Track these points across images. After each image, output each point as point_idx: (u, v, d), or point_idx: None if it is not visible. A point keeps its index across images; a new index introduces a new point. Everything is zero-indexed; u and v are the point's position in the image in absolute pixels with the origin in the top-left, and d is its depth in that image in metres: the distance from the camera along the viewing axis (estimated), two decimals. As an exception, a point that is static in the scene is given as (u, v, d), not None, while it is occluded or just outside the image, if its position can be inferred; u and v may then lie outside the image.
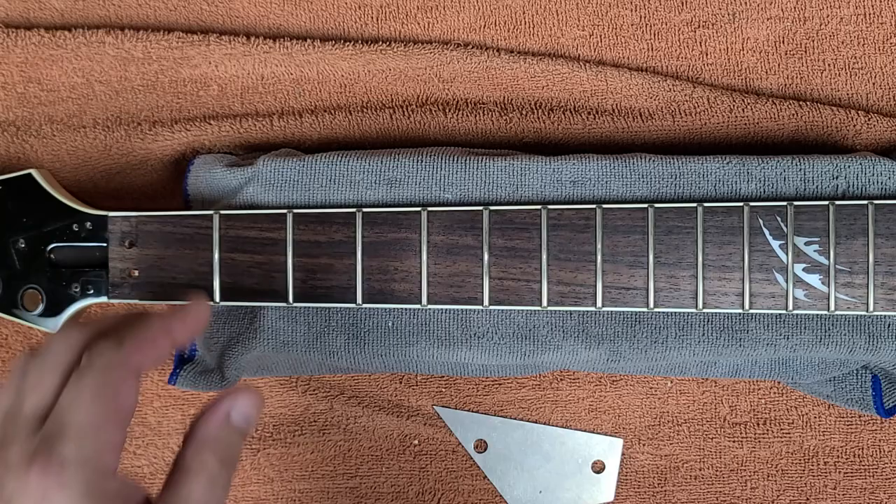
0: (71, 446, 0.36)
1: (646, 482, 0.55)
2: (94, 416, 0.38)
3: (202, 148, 0.54)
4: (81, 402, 0.37)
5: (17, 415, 0.38)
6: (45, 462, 0.36)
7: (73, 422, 0.37)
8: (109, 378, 0.38)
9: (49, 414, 0.38)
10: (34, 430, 0.37)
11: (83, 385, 0.38)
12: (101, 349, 0.39)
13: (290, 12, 0.54)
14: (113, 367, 0.39)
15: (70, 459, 0.36)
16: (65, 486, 0.36)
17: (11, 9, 0.55)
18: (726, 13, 0.53)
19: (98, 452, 0.37)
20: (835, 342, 0.47)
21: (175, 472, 0.38)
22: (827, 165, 0.46)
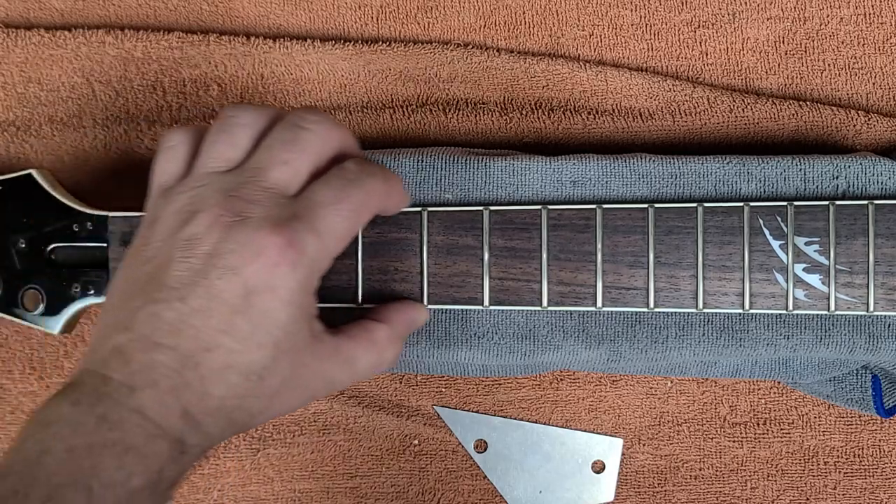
0: (315, 242, 0.38)
1: (646, 482, 0.55)
2: (342, 229, 0.39)
3: (202, 148, 0.54)
4: (339, 209, 0.39)
5: (257, 176, 0.38)
6: (290, 238, 0.37)
7: (327, 220, 0.38)
8: (367, 204, 0.40)
9: (297, 195, 0.39)
10: (280, 202, 0.38)
11: (348, 194, 0.39)
12: (373, 172, 0.40)
13: (290, 12, 0.54)
14: (374, 195, 0.40)
15: (309, 251, 0.37)
16: (295, 269, 0.37)
17: (11, 9, 0.55)
18: (726, 13, 0.53)
19: (326, 260, 0.39)
20: (835, 342, 0.47)
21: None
22: (827, 165, 0.46)
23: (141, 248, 0.39)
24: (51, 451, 0.34)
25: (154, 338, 0.36)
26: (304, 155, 0.39)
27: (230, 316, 0.36)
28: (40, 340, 0.56)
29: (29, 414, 0.56)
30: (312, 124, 0.40)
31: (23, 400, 0.56)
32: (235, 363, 0.36)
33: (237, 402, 0.37)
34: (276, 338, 0.37)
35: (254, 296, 0.36)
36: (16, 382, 0.56)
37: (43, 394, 0.56)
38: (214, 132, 0.40)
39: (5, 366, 0.56)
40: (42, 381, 0.56)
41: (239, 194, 0.38)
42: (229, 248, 0.36)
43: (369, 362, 0.42)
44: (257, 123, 0.40)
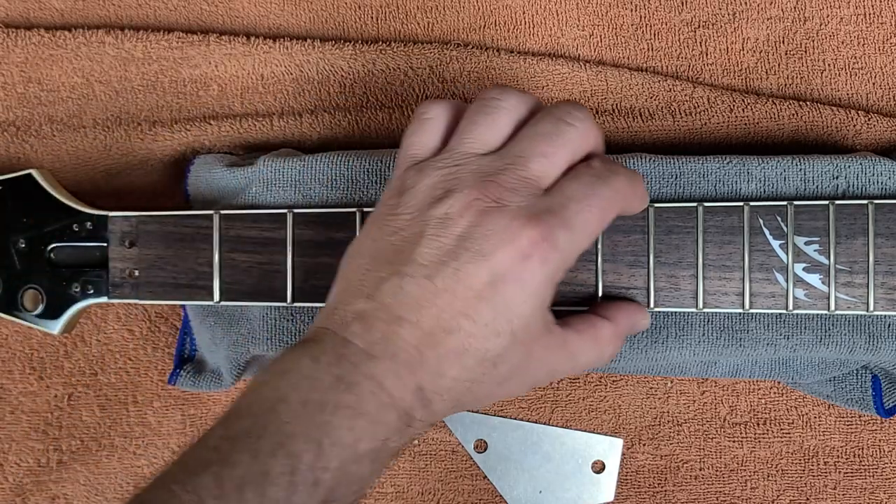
0: (569, 235, 0.37)
1: (646, 482, 0.55)
2: (592, 225, 0.39)
3: (202, 148, 0.54)
4: (590, 206, 0.38)
5: (516, 164, 0.38)
6: (545, 232, 0.37)
7: (579, 216, 0.38)
8: (614, 202, 0.39)
9: (552, 188, 0.39)
10: (536, 195, 0.38)
11: (598, 191, 0.39)
12: (618, 170, 0.40)
13: (290, 12, 0.54)
14: (620, 194, 0.40)
15: (562, 244, 0.37)
16: (544, 262, 0.37)
17: (11, 9, 0.55)
18: (726, 13, 0.53)
19: (574, 255, 0.39)
20: (835, 342, 0.47)
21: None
22: (827, 165, 0.46)
23: (388, 217, 0.39)
24: (287, 400, 0.35)
25: (398, 311, 0.36)
26: (563, 150, 0.39)
27: (474, 301, 0.36)
28: (40, 340, 0.56)
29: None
30: (577, 121, 0.40)
31: (23, 400, 0.56)
32: (473, 348, 0.37)
33: (468, 386, 0.37)
34: (515, 327, 0.37)
35: (500, 284, 0.36)
36: (16, 382, 0.56)
37: (43, 394, 0.56)
38: (476, 112, 0.40)
39: (5, 366, 0.56)
40: (42, 381, 0.56)
41: (497, 180, 0.38)
42: (483, 232, 0.37)
43: (590, 357, 0.42)
44: (519, 110, 0.40)
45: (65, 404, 0.56)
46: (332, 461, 0.34)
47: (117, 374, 0.56)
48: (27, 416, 0.56)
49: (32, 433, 0.56)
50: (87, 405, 0.56)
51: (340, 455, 0.34)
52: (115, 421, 0.56)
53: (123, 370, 0.56)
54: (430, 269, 0.37)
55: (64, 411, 0.56)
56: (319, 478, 0.34)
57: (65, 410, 0.56)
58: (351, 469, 0.35)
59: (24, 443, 0.56)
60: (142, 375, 0.56)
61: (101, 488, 0.56)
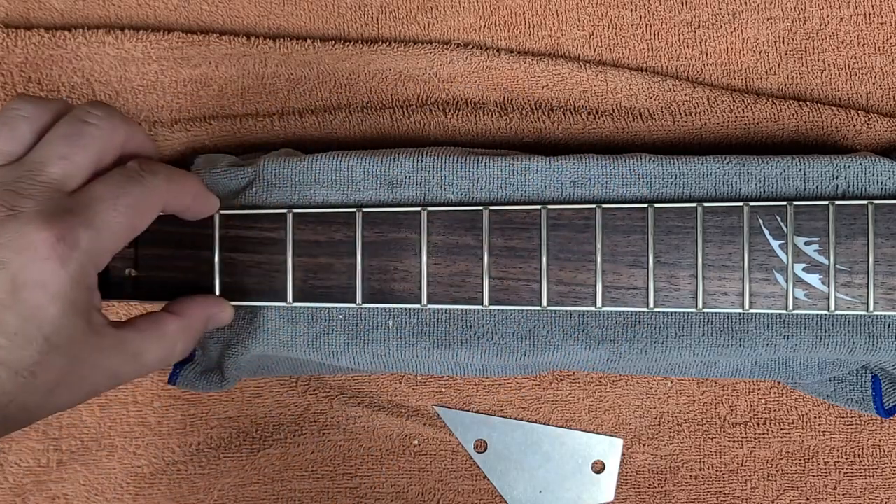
0: (89, 236, 0.37)
1: (646, 482, 0.55)
2: (120, 224, 0.39)
3: (202, 148, 0.54)
4: (116, 206, 0.38)
5: (33, 170, 0.38)
6: (63, 231, 0.36)
7: (101, 217, 0.38)
8: (148, 201, 0.39)
9: (76, 190, 0.38)
10: (54, 197, 0.38)
11: (125, 191, 0.39)
12: (156, 169, 0.40)
13: (290, 12, 0.54)
14: (156, 193, 0.40)
15: (83, 246, 0.37)
16: (65, 264, 0.36)
17: (11, 9, 0.55)
18: (726, 13, 0.53)
19: (102, 256, 0.38)
20: (835, 342, 0.47)
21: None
22: (827, 165, 0.46)
23: None
24: None
25: None
26: (84, 150, 0.39)
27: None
28: (40, 340, 0.56)
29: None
30: (97, 119, 0.40)
31: (23, 400, 0.56)
32: (4, 360, 0.36)
33: (9, 399, 0.36)
34: (47, 333, 0.36)
35: (22, 291, 0.36)
36: (16, 382, 0.56)
37: (43, 394, 0.56)
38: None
39: (5, 366, 0.56)
40: (42, 381, 0.56)
41: (13, 188, 0.37)
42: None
43: (157, 355, 0.42)
44: (41, 117, 0.40)
45: (65, 404, 0.56)
46: None
47: (117, 374, 0.56)
48: (27, 416, 0.56)
49: (32, 433, 0.56)
50: (87, 405, 0.56)
51: None
52: (115, 421, 0.56)
53: (123, 370, 0.56)
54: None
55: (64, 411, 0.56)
56: None
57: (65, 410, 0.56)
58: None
59: (24, 443, 0.56)
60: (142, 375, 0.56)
61: (101, 488, 0.56)
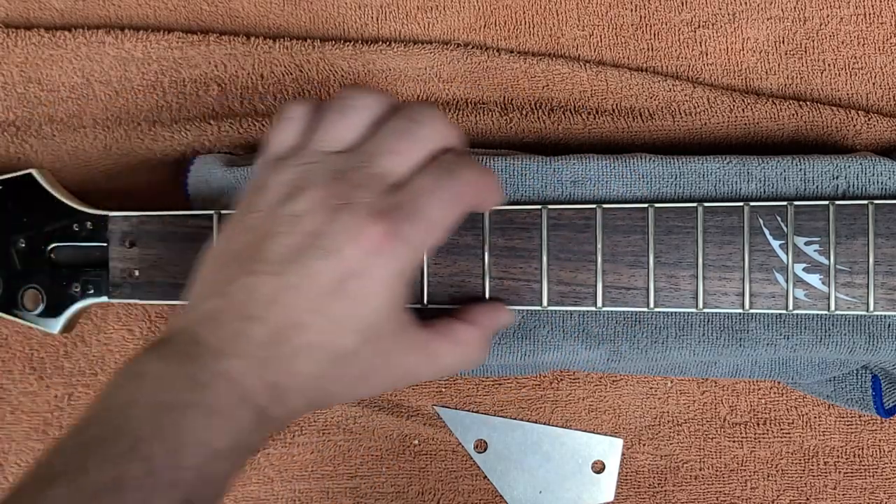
0: (416, 231, 0.38)
1: (646, 482, 0.55)
2: (442, 219, 0.39)
3: (202, 148, 0.54)
4: (439, 198, 0.39)
5: (366, 161, 0.39)
6: (393, 227, 0.37)
7: (427, 212, 0.38)
8: (464, 196, 0.40)
9: (402, 185, 0.39)
10: (385, 191, 0.38)
11: (446, 185, 0.39)
12: (468, 163, 0.40)
13: (290, 12, 0.54)
14: (471, 187, 0.40)
15: (411, 240, 0.38)
16: (392, 257, 0.37)
17: (11, 9, 0.55)
18: (726, 13, 0.53)
19: (424, 249, 0.39)
20: (835, 342, 0.47)
21: None
22: (827, 165, 0.46)
23: (244, 215, 0.39)
24: (137, 404, 0.35)
25: (248, 309, 0.37)
26: (415, 147, 0.39)
27: (325, 297, 0.37)
28: (40, 340, 0.56)
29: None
30: (429, 119, 0.40)
31: (23, 400, 0.56)
32: (324, 344, 0.37)
33: (321, 383, 0.38)
34: (366, 324, 0.38)
35: (350, 280, 0.37)
36: (16, 382, 0.56)
37: (43, 394, 0.56)
38: (330, 111, 0.40)
39: (5, 366, 0.56)
40: (42, 381, 0.56)
41: (347, 178, 0.38)
42: (332, 229, 0.37)
43: (454, 361, 0.42)
44: (375, 109, 0.40)
45: (65, 404, 0.56)
46: (189, 461, 0.34)
47: (117, 374, 0.56)
48: (27, 416, 0.56)
49: (32, 433, 0.56)
50: (87, 405, 0.56)
51: (196, 454, 0.34)
52: (115, 421, 0.56)
53: (123, 370, 0.56)
54: (279, 266, 0.37)
55: (64, 411, 0.56)
56: (177, 478, 0.34)
57: (65, 410, 0.56)
58: (210, 467, 0.35)
59: (24, 443, 0.56)
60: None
61: (101, 488, 0.56)
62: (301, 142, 0.41)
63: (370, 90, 0.41)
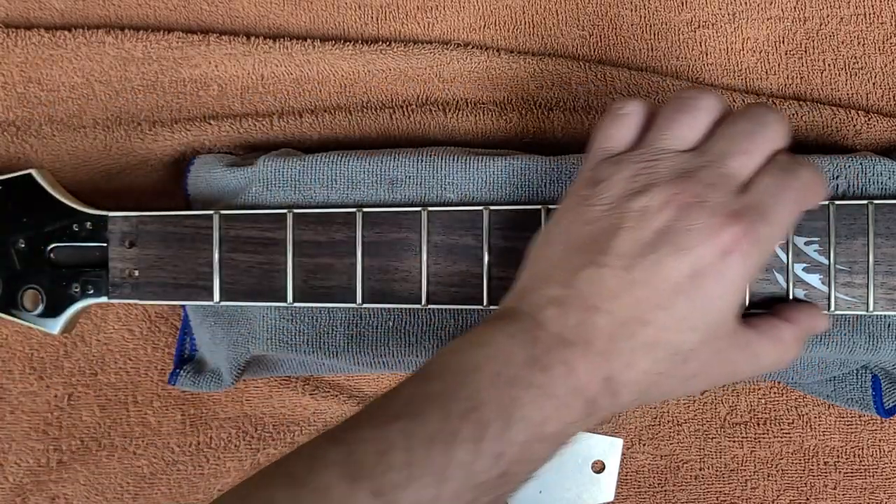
0: (768, 230, 0.38)
1: (646, 482, 0.55)
2: (787, 220, 0.39)
3: (202, 148, 0.54)
4: (786, 200, 0.39)
5: (715, 161, 0.39)
6: (748, 227, 0.37)
7: (776, 211, 0.38)
8: (804, 195, 0.40)
9: (748, 186, 0.39)
10: (735, 192, 0.38)
11: (789, 185, 0.39)
12: (804, 162, 0.40)
13: (290, 12, 0.54)
14: (809, 188, 0.40)
15: (762, 240, 0.38)
16: (747, 258, 0.37)
17: (11, 9, 0.55)
18: (726, 13, 0.53)
19: (771, 249, 0.39)
20: (835, 342, 0.47)
21: None
22: (827, 165, 0.46)
23: (582, 208, 0.39)
24: (480, 370, 0.36)
25: (593, 299, 0.37)
26: (761, 149, 0.40)
27: (672, 294, 0.37)
28: (40, 340, 0.56)
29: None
30: (773, 122, 0.40)
31: (23, 400, 0.56)
32: (666, 341, 0.37)
33: (655, 379, 0.38)
34: (709, 324, 0.37)
35: (700, 279, 0.37)
36: (16, 382, 0.56)
37: (43, 394, 0.56)
38: (675, 110, 0.40)
39: (5, 366, 0.56)
40: (42, 381, 0.56)
41: (696, 177, 0.38)
42: (684, 227, 0.37)
43: (772, 359, 0.42)
44: (715, 110, 0.41)
45: (65, 404, 0.56)
46: (518, 436, 0.35)
47: (117, 374, 0.56)
48: (27, 416, 0.56)
49: (32, 433, 0.56)
50: (87, 405, 0.56)
51: (526, 432, 0.35)
52: (115, 421, 0.56)
53: (123, 370, 0.56)
54: (627, 260, 0.37)
55: (64, 411, 0.56)
56: (504, 450, 0.35)
57: (65, 410, 0.56)
58: (533, 447, 0.36)
59: (24, 443, 0.56)
60: (142, 375, 0.56)
61: (101, 488, 0.56)
62: (636, 138, 0.41)
63: (710, 91, 0.41)
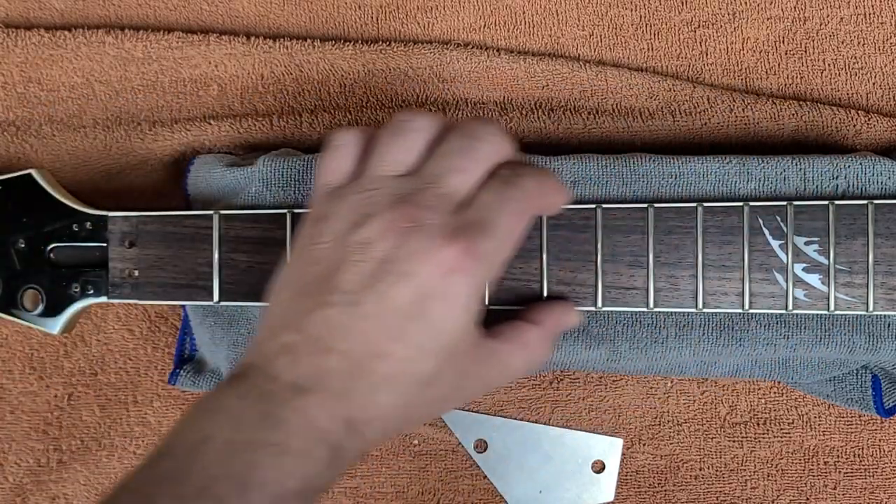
0: (491, 245, 0.37)
1: (646, 482, 0.55)
2: (511, 230, 0.39)
3: (202, 148, 0.54)
4: (507, 211, 0.38)
5: (432, 182, 0.38)
6: (468, 245, 0.37)
7: (497, 225, 0.38)
8: (528, 205, 0.39)
9: (468, 202, 0.38)
10: (454, 209, 0.38)
11: (510, 196, 0.39)
12: (527, 174, 0.40)
13: (290, 12, 0.54)
14: (533, 196, 0.40)
15: (486, 255, 0.37)
16: (470, 275, 0.37)
17: (11, 9, 0.55)
18: (726, 13, 0.53)
19: (499, 263, 0.39)
20: (835, 342, 0.47)
21: None
22: (827, 165, 0.46)
23: (309, 247, 0.39)
24: (211, 441, 0.34)
25: (326, 341, 0.36)
26: (478, 164, 0.39)
27: (402, 322, 0.36)
28: (40, 340, 0.56)
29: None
30: (489, 135, 0.40)
31: (23, 400, 0.56)
32: (405, 371, 0.36)
33: (401, 410, 0.37)
34: (446, 346, 0.37)
35: (427, 302, 0.36)
36: (16, 382, 0.56)
37: (43, 394, 0.56)
38: (389, 135, 0.40)
39: (5, 366, 0.56)
40: (42, 381, 0.56)
41: (414, 200, 0.38)
42: (404, 253, 0.36)
43: (521, 364, 0.42)
44: (431, 130, 0.40)
45: (65, 404, 0.56)
46: (259, 502, 0.33)
47: (117, 374, 0.56)
48: (27, 416, 0.56)
49: (32, 433, 0.56)
50: (87, 405, 0.56)
51: (268, 495, 0.34)
52: (115, 421, 0.56)
53: (123, 370, 0.56)
54: (353, 295, 0.36)
55: (64, 411, 0.56)
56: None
57: (65, 410, 0.56)
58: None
59: (24, 443, 0.56)
60: (142, 375, 0.56)
61: (101, 488, 0.56)
62: (357, 169, 0.40)
63: (424, 112, 0.41)
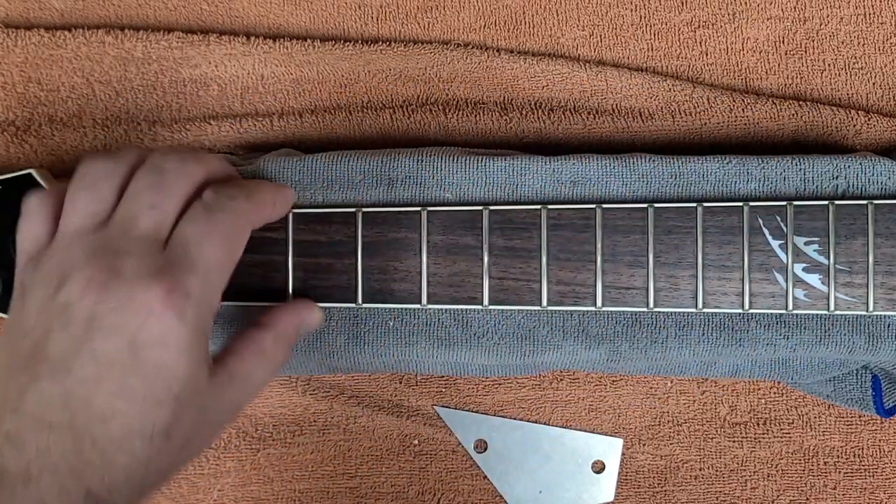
0: (197, 281, 0.36)
1: (646, 482, 0.55)
2: (219, 259, 0.38)
3: (202, 148, 0.54)
4: (211, 241, 0.37)
5: (126, 226, 0.37)
6: (171, 286, 0.35)
7: (201, 258, 0.37)
8: (237, 226, 0.39)
9: (167, 239, 0.37)
10: (153, 250, 0.37)
11: (214, 224, 0.38)
12: (233, 194, 0.39)
13: (290, 12, 0.54)
14: (242, 215, 0.39)
15: (193, 291, 0.36)
16: (183, 315, 0.35)
17: (11, 9, 0.55)
18: (726, 13, 0.53)
19: (214, 294, 0.38)
20: (835, 342, 0.47)
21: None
22: (827, 165, 0.46)
23: (18, 321, 0.37)
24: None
25: (46, 417, 0.34)
26: (170, 197, 0.38)
27: (122, 377, 0.34)
28: (40, 340, 0.56)
29: None
30: (176, 163, 0.39)
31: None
32: (136, 427, 0.34)
33: (144, 467, 0.35)
34: (176, 391, 0.35)
35: (144, 352, 0.35)
36: (16, 382, 0.56)
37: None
38: (73, 188, 0.39)
39: (5, 366, 0.56)
40: (42, 380, 0.56)
41: (110, 249, 0.36)
42: (108, 307, 0.35)
43: (263, 374, 0.41)
44: (118, 172, 0.39)
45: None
46: None
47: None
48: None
49: (32, 433, 0.56)
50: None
51: None
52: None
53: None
54: (66, 362, 0.34)
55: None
56: None
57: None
58: None
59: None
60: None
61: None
62: (51, 230, 0.39)
63: (108, 153, 0.40)
